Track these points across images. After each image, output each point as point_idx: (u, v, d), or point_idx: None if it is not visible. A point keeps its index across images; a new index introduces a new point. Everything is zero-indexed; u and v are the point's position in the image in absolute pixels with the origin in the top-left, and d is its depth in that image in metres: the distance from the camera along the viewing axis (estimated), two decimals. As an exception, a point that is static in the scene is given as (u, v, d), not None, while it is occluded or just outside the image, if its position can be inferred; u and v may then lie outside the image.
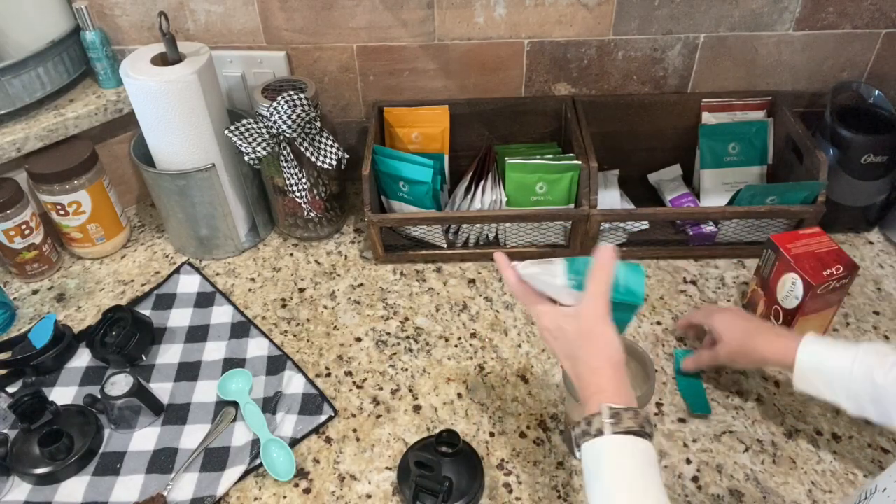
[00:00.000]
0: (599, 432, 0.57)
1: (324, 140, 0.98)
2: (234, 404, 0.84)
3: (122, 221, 1.09)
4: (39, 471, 0.77)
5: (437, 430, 0.77)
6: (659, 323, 0.93)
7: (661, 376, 0.86)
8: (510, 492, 0.75)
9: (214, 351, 0.92)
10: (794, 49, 1.05)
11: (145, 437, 0.81)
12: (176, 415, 0.84)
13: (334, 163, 0.98)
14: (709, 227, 1.03)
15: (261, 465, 0.78)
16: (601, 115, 1.08)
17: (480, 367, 0.89)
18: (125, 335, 0.88)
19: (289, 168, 0.97)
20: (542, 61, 1.08)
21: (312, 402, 0.84)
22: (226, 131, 0.94)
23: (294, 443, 0.80)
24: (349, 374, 0.89)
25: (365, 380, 0.88)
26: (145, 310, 0.97)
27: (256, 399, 0.84)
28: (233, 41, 1.07)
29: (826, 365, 0.70)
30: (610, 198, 1.07)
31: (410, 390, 0.86)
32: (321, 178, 1.03)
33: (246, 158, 0.95)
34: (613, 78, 1.09)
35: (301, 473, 0.77)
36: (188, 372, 0.89)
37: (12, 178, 1.00)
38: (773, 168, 1.09)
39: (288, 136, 0.94)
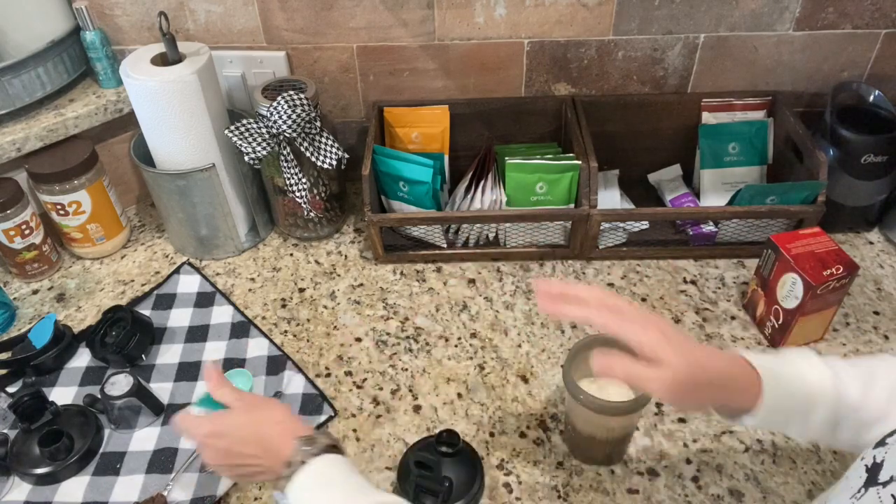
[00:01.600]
0: (301, 463, 0.59)
1: (324, 140, 0.98)
2: (234, 404, 0.84)
3: (122, 221, 1.09)
4: (39, 471, 0.77)
5: (437, 430, 0.77)
6: (659, 323, 0.93)
7: (661, 376, 0.86)
8: (510, 492, 0.75)
9: (214, 351, 0.92)
10: (794, 49, 1.06)
11: (145, 437, 0.81)
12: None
13: (334, 163, 0.98)
14: (709, 227, 1.03)
15: (261, 465, 0.78)
16: (601, 115, 1.08)
17: (480, 367, 0.89)
18: (125, 335, 0.88)
19: (289, 168, 0.97)
20: (542, 61, 1.08)
21: (312, 402, 0.84)
22: (226, 131, 0.94)
23: (294, 443, 0.80)
24: (349, 374, 0.89)
25: (365, 380, 0.88)
26: (145, 310, 0.97)
27: (256, 399, 0.84)
28: (233, 41, 1.07)
29: (788, 402, 0.58)
30: (610, 198, 1.07)
31: (410, 390, 0.86)
32: (321, 178, 1.03)
33: (246, 158, 0.95)
34: (613, 78, 1.09)
35: (301, 473, 0.77)
36: (188, 372, 0.89)
37: (12, 178, 1.00)
38: (773, 168, 1.09)
39: (288, 136, 0.94)
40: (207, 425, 0.65)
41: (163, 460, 0.79)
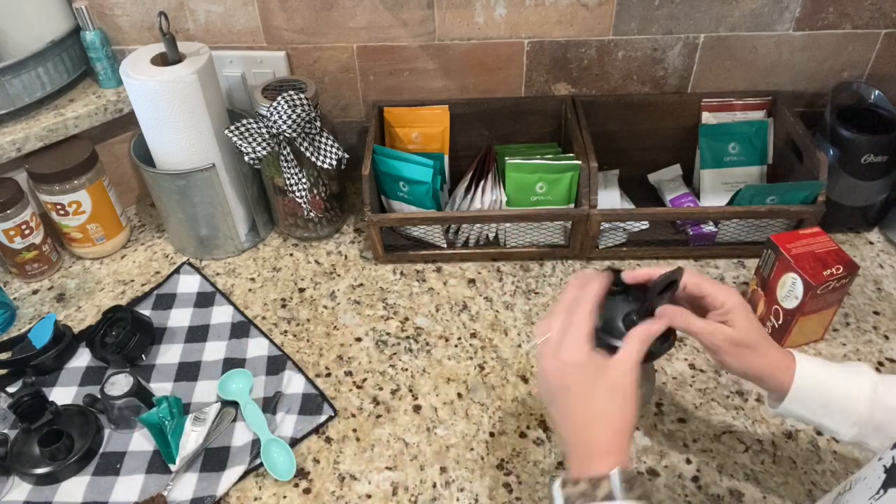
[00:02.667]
0: (610, 497, 0.51)
1: (324, 140, 0.98)
2: (235, 404, 0.84)
3: (122, 221, 1.09)
4: (39, 471, 0.77)
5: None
6: (659, 323, 0.93)
7: (660, 376, 0.86)
8: (510, 492, 0.75)
9: (214, 351, 0.92)
10: (794, 49, 1.06)
11: (145, 437, 0.81)
12: (176, 415, 0.84)
13: (334, 163, 0.98)
14: (709, 227, 1.03)
15: (261, 465, 0.78)
16: (601, 115, 1.08)
17: (480, 367, 0.89)
18: (125, 335, 0.88)
19: (289, 168, 0.97)
20: (542, 61, 1.08)
21: (312, 402, 0.84)
22: (226, 131, 0.94)
23: (294, 443, 0.80)
24: (349, 374, 0.89)
25: (365, 380, 0.88)
26: (145, 310, 0.97)
27: (256, 399, 0.84)
28: (233, 41, 1.07)
29: (826, 389, 0.62)
30: (610, 198, 1.07)
31: (410, 390, 0.86)
32: (321, 178, 1.03)
33: (246, 158, 0.95)
34: (613, 78, 1.09)
35: (301, 473, 0.77)
36: (188, 372, 0.89)
37: (12, 178, 1.00)
38: (773, 168, 1.09)
39: (288, 136, 0.94)
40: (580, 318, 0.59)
41: (163, 460, 0.78)
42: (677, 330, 0.62)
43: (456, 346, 0.92)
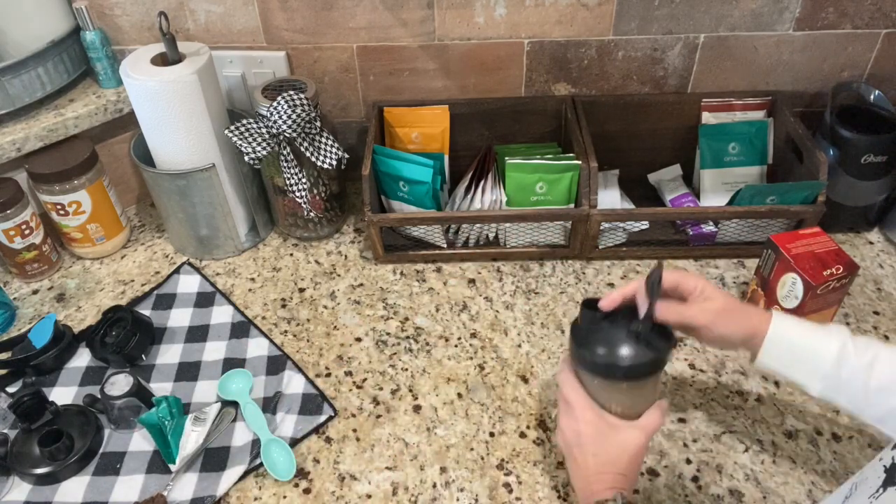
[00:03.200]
0: None
1: (324, 140, 0.98)
2: (235, 404, 0.84)
3: (122, 221, 1.09)
4: (39, 471, 0.77)
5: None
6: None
7: (660, 376, 0.86)
8: (510, 492, 0.75)
9: (214, 351, 0.92)
10: (794, 49, 1.06)
11: (145, 438, 0.81)
12: (176, 415, 0.84)
13: (334, 163, 0.98)
14: (709, 227, 1.03)
15: (261, 465, 0.78)
16: (601, 115, 1.08)
17: (480, 367, 0.89)
18: (125, 335, 0.88)
19: (289, 168, 0.97)
20: (542, 61, 1.08)
21: (312, 402, 0.84)
22: (226, 131, 0.94)
23: (294, 443, 0.80)
24: (349, 374, 0.89)
25: (365, 380, 0.88)
26: (145, 310, 0.97)
27: (256, 399, 0.84)
28: (233, 41, 1.07)
29: (797, 342, 0.66)
30: (610, 198, 1.07)
31: (410, 390, 0.86)
32: (321, 178, 1.03)
33: (246, 158, 0.95)
34: (613, 78, 1.09)
35: (301, 473, 0.77)
36: (188, 372, 0.89)
37: (12, 178, 1.00)
38: (773, 168, 1.09)
39: (288, 136, 0.94)
40: (573, 396, 0.67)
41: (163, 460, 0.78)
42: (674, 324, 0.66)
43: (456, 346, 0.92)
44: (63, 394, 0.87)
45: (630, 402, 0.66)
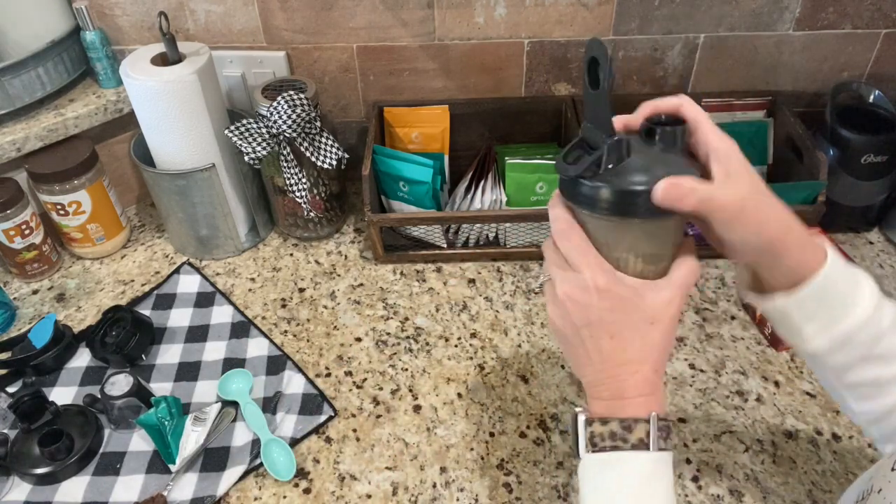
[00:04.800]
0: (643, 445, 0.46)
1: (324, 140, 0.98)
2: (235, 404, 0.84)
3: (122, 221, 1.09)
4: (39, 471, 0.77)
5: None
6: (659, 323, 0.93)
7: (661, 376, 0.86)
8: (510, 492, 0.75)
9: (214, 351, 0.92)
10: (794, 49, 1.06)
11: (145, 437, 0.81)
12: (176, 415, 0.84)
13: (334, 163, 0.98)
14: (709, 227, 1.03)
15: (260, 465, 0.78)
16: (601, 115, 1.08)
17: (480, 367, 0.89)
18: (125, 335, 0.88)
19: (289, 168, 0.97)
20: (542, 61, 1.08)
21: (312, 402, 0.84)
22: (226, 131, 0.94)
23: (294, 443, 0.80)
24: (349, 374, 0.89)
25: (365, 380, 0.88)
26: (145, 310, 0.97)
27: (256, 399, 0.84)
28: (233, 41, 1.07)
29: (837, 288, 0.50)
30: (610, 198, 1.07)
31: (410, 390, 0.86)
32: (321, 178, 1.03)
33: (246, 158, 0.95)
34: (613, 78, 1.09)
35: (301, 473, 0.77)
36: (188, 372, 0.89)
37: (12, 178, 1.00)
38: (773, 168, 1.09)
39: (288, 136, 0.94)
40: (577, 251, 0.49)
41: (163, 460, 0.78)
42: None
43: (456, 346, 0.92)
44: (63, 394, 0.87)
45: (652, 250, 0.50)
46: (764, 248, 0.50)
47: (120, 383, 0.81)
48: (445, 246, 1.05)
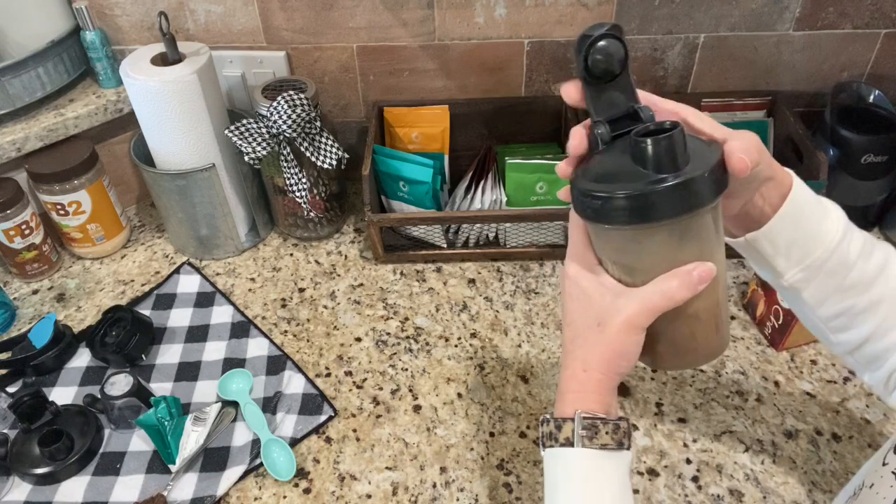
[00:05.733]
0: (568, 442, 0.48)
1: (324, 140, 0.98)
2: (235, 404, 0.84)
3: (122, 221, 1.09)
4: (39, 471, 0.77)
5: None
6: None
7: (660, 376, 0.86)
8: (510, 492, 0.75)
9: (214, 351, 0.92)
10: (794, 49, 1.06)
11: (145, 438, 0.81)
12: (176, 415, 0.84)
13: (334, 163, 0.98)
14: (709, 227, 1.03)
15: (260, 464, 0.78)
16: (601, 115, 1.08)
17: (480, 367, 0.89)
18: (125, 335, 0.88)
19: (289, 168, 0.97)
20: (542, 61, 1.08)
21: (312, 402, 0.84)
22: (226, 131, 0.94)
23: (294, 443, 0.80)
24: (349, 374, 0.89)
25: (365, 380, 0.88)
26: (145, 310, 0.97)
27: (256, 399, 0.84)
28: (233, 41, 1.07)
29: (804, 215, 0.52)
30: (610, 198, 1.07)
31: (410, 390, 0.86)
32: (321, 178, 1.03)
33: (246, 158, 0.95)
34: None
35: (301, 473, 0.77)
36: (188, 372, 0.89)
37: (12, 178, 1.00)
38: (773, 168, 1.09)
39: (288, 136, 0.94)
40: (570, 249, 0.53)
41: (163, 460, 0.78)
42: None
43: (456, 346, 0.92)
44: (63, 394, 0.87)
45: (624, 260, 0.48)
46: (766, 173, 0.51)
47: (120, 383, 0.81)
48: (445, 246, 1.05)
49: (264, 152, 0.94)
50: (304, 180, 0.99)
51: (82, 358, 0.92)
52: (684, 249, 0.46)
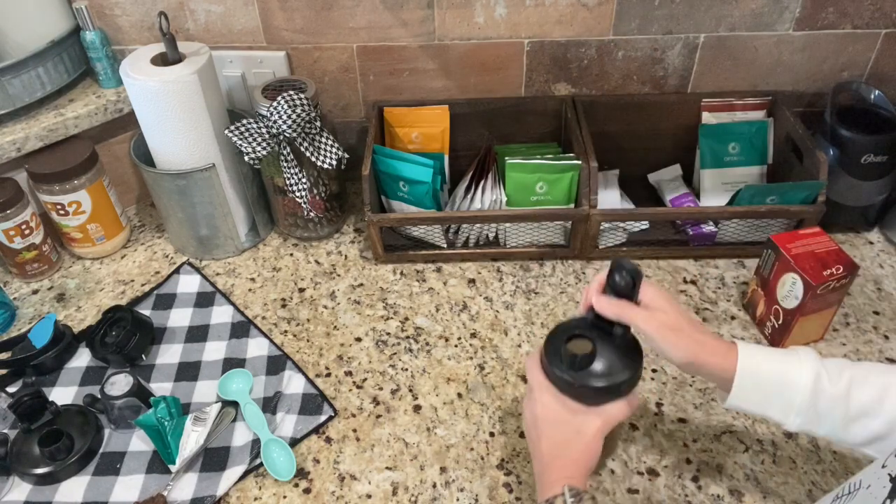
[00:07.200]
0: None
1: (324, 140, 0.98)
2: (235, 404, 0.84)
3: (122, 221, 1.09)
4: (39, 471, 0.77)
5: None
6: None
7: (660, 376, 0.86)
8: (510, 492, 0.75)
9: (214, 351, 0.92)
10: (794, 49, 1.06)
11: (145, 438, 0.81)
12: (176, 415, 0.84)
13: (334, 163, 0.98)
14: (709, 227, 1.03)
15: (260, 464, 0.78)
16: (601, 115, 1.08)
17: (480, 367, 0.89)
18: (125, 335, 0.88)
19: (289, 168, 0.97)
20: (542, 61, 1.08)
21: (312, 402, 0.84)
22: (226, 131, 0.94)
23: (294, 443, 0.80)
24: (349, 374, 0.89)
25: (365, 380, 0.88)
26: (145, 310, 0.97)
27: (256, 399, 0.84)
28: (233, 41, 1.07)
29: (768, 377, 0.62)
30: (610, 198, 1.07)
31: (410, 390, 0.86)
32: (321, 178, 1.03)
33: (246, 158, 0.95)
34: (613, 78, 1.09)
35: (301, 473, 0.77)
36: (188, 372, 0.89)
37: (12, 178, 1.00)
38: (773, 168, 1.09)
39: (288, 136, 0.94)
40: (535, 380, 0.66)
41: (163, 460, 0.78)
42: (617, 321, 0.63)
43: (456, 346, 0.92)
44: (63, 394, 0.87)
45: (595, 403, 0.65)
46: (685, 367, 0.64)
47: (120, 383, 0.81)
48: (445, 246, 1.05)
49: (264, 152, 0.94)
50: (304, 180, 0.99)
51: (82, 358, 0.92)
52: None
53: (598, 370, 0.62)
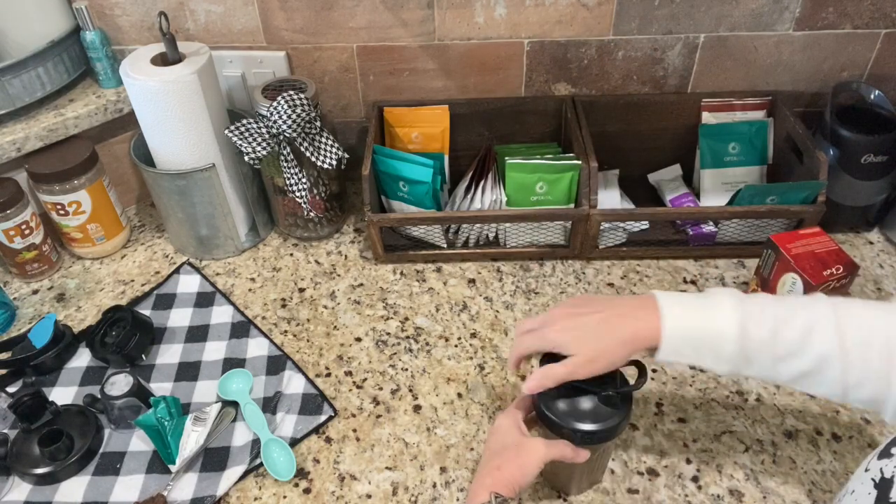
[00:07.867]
0: None
1: (324, 140, 0.98)
2: (235, 404, 0.84)
3: (122, 221, 1.09)
4: (39, 471, 0.77)
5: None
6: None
7: (660, 376, 0.86)
8: (510, 492, 0.75)
9: (214, 351, 0.92)
10: (794, 49, 1.06)
11: (145, 437, 0.81)
12: (176, 415, 0.84)
13: (334, 163, 0.98)
14: (709, 227, 1.03)
15: (260, 464, 0.78)
16: (601, 115, 1.08)
17: (480, 367, 0.89)
18: (125, 335, 0.88)
19: (289, 168, 0.97)
20: (542, 61, 1.08)
21: (312, 402, 0.84)
22: (226, 131, 0.94)
23: (294, 443, 0.80)
24: (349, 374, 0.89)
25: (365, 380, 0.88)
26: (145, 310, 0.97)
27: (256, 399, 0.84)
28: (233, 41, 1.07)
29: (694, 334, 0.62)
30: (610, 198, 1.07)
31: (410, 390, 0.86)
32: (321, 178, 1.03)
33: (246, 158, 0.95)
34: (613, 78, 1.09)
35: (301, 473, 0.77)
36: (188, 372, 0.89)
37: (12, 178, 1.00)
38: (773, 168, 1.09)
39: (288, 136, 0.94)
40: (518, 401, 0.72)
41: (163, 460, 0.78)
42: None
43: (456, 346, 0.92)
44: (63, 394, 0.87)
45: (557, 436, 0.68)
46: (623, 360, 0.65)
47: (120, 383, 0.81)
48: (445, 246, 1.05)
49: (264, 152, 0.94)
50: (304, 180, 0.99)
51: (82, 358, 0.92)
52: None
53: (585, 409, 0.66)
